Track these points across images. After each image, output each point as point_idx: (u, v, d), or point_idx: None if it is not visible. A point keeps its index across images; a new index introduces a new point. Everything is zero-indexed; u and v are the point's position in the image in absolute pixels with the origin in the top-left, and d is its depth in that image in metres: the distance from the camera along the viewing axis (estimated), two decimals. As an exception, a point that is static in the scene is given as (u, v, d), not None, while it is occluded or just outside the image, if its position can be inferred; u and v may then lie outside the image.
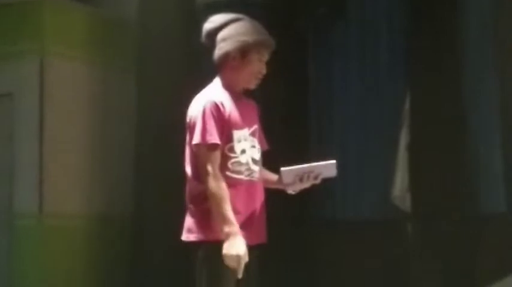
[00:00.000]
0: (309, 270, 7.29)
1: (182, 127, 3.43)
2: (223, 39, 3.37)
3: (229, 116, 3.31)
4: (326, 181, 3.61)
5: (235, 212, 3.27)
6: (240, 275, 3.18)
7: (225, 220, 3.17)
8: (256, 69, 3.39)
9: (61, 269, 7.74)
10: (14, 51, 7.91)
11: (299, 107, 7.65)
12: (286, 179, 3.42)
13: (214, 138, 3.23)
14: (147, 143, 7.68)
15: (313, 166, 3.46)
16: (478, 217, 6.89)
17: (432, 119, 6.92)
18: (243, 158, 3.32)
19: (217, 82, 3.42)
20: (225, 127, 3.29)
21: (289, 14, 7.61)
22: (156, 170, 7.40)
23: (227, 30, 3.37)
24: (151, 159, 7.58)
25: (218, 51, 3.39)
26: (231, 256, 3.16)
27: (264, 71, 3.44)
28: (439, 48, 6.94)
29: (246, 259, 3.19)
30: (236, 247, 3.16)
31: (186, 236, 3.35)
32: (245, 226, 3.30)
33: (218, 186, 3.19)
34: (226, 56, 3.37)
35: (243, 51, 3.35)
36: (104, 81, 8.23)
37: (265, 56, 3.43)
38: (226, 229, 3.16)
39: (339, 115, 7.77)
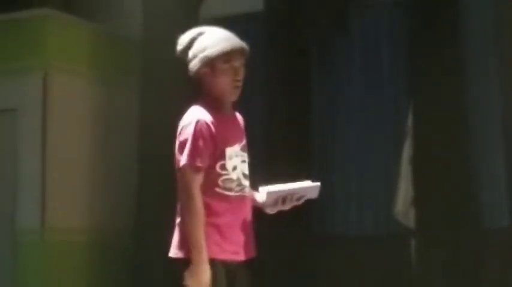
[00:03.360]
0: (309, 284, 7.26)
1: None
2: (191, 60, 3.35)
3: (220, 134, 3.25)
4: (327, 197, 3.58)
5: (224, 226, 3.25)
6: None
7: (196, 245, 3.15)
8: (229, 79, 3.30)
9: (63, 283, 7.73)
10: (17, 67, 7.94)
11: (301, 120, 7.65)
12: (268, 199, 3.34)
13: (200, 161, 3.19)
14: (149, 158, 7.68)
15: (296, 188, 3.38)
16: (482, 232, 6.87)
17: (435, 134, 6.91)
18: (234, 175, 3.28)
19: (201, 101, 3.35)
20: (217, 145, 3.24)
21: (291, 28, 7.62)
22: (157, 185, 7.40)
23: (193, 49, 3.34)
24: (153, 174, 7.58)
25: (190, 72, 3.37)
26: (193, 283, 3.15)
27: (240, 77, 3.33)
28: (440, 60, 6.93)
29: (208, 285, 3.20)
30: (200, 275, 3.15)
31: (174, 253, 3.30)
32: (235, 241, 3.27)
33: (199, 210, 3.17)
34: (197, 76, 3.33)
35: (210, 66, 3.29)
36: (107, 97, 8.25)
37: (238, 62, 3.32)
38: (196, 255, 3.15)
39: (341, 128, 7.77)
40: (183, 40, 3.42)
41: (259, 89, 7.38)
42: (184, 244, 3.27)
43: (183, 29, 3.51)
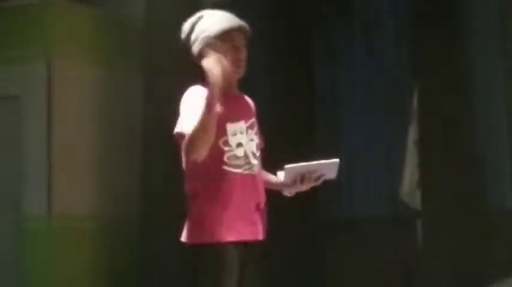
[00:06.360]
0: (317, 268, 7.28)
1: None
2: (193, 44, 3.39)
3: (220, 110, 3.22)
4: (334, 179, 3.57)
5: (233, 206, 3.23)
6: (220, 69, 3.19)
7: (207, 104, 3.11)
8: (231, 57, 3.32)
9: (70, 270, 7.75)
10: (20, 54, 7.93)
11: (304, 102, 7.64)
12: (287, 178, 3.33)
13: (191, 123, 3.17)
14: (154, 144, 7.68)
15: (316, 164, 3.37)
16: (486, 214, 6.86)
17: (440, 116, 6.90)
18: (239, 152, 3.26)
19: (204, 81, 3.32)
20: (218, 121, 3.20)
21: (293, 14, 7.60)
22: (162, 171, 7.40)
23: (194, 34, 3.39)
24: (157, 160, 7.57)
25: (193, 55, 3.40)
26: (211, 65, 3.15)
27: (242, 56, 3.37)
28: (445, 46, 6.91)
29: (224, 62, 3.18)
30: (214, 58, 3.15)
31: (183, 237, 3.30)
32: (244, 220, 3.26)
33: (190, 128, 3.13)
34: (200, 57, 3.33)
35: (212, 45, 3.30)
36: (111, 83, 8.24)
37: (239, 41, 3.36)
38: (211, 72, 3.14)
39: (346, 112, 7.75)
40: (185, 27, 3.46)
41: (261, 69, 7.37)
42: (189, 228, 3.28)
43: (185, 12, 3.52)
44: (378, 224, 7.33)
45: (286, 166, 3.37)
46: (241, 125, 3.34)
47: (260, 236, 3.36)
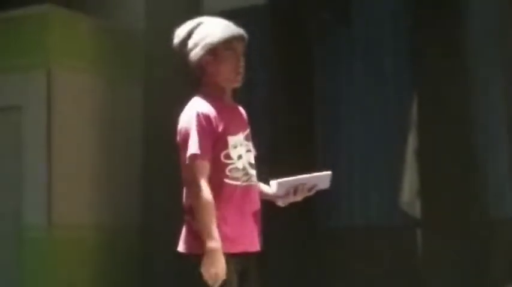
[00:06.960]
0: (316, 278, 7.27)
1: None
2: (191, 50, 3.34)
3: (221, 123, 3.24)
4: (333, 189, 3.57)
5: (233, 218, 3.24)
6: None
7: (209, 235, 3.11)
8: (233, 65, 3.30)
9: (70, 279, 7.74)
10: (21, 64, 7.94)
11: (305, 113, 7.64)
12: (279, 191, 3.34)
13: (204, 151, 3.18)
14: (154, 153, 7.68)
15: (307, 178, 3.38)
16: (488, 222, 6.86)
17: (440, 126, 6.90)
18: (239, 164, 3.27)
19: (202, 92, 3.34)
20: (219, 135, 3.23)
21: (294, 20, 7.62)
22: (163, 180, 7.40)
23: (192, 40, 3.34)
24: (158, 169, 7.58)
25: (191, 63, 3.35)
26: (210, 275, 3.12)
27: (241, 63, 3.33)
28: (445, 54, 6.92)
29: (224, 276, 3.17)
30: (216, 264, 3.11)
31: (182, 248, 3.28)
32: (243, 233, 3.26)
33: (207, 198, 3.14)
34: (199, 65, 3.32)
35: (213, 53, 3.30)
36: (111, 92, 8.25)
37: (239, 49, 3.33)
38: (210, 244, 3.10)
39: (346, 122, 7.76)
40: (181, 32, 3.41)
41: (263, 80, 7.38)
42: (190, 240, 3.28)
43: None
44: (378, 233, 7.33)
45: (279, 180, 3.37)
46: (240, 137, 3.33)
47: (259, 247, 3.36)
